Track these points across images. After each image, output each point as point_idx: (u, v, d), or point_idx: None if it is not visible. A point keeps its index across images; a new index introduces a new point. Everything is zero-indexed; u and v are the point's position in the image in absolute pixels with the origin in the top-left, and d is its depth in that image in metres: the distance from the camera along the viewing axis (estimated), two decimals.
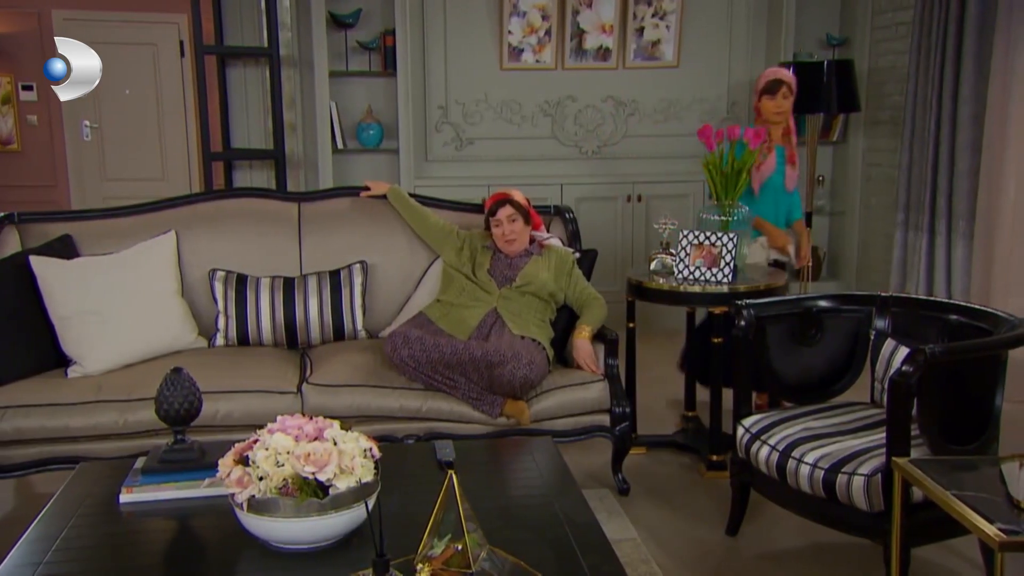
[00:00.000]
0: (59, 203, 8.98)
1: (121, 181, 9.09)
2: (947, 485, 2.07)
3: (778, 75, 4.12)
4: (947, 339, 2.82)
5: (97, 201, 9.01)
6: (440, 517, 1.86)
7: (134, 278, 3.51)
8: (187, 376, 2.36)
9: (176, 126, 9.23)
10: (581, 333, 3.44)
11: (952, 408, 2.61)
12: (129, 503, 2.22)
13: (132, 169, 9.11)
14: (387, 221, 3.93)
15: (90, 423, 3.11)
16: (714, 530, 3.17)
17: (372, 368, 3.40)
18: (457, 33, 5.82)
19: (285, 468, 1.95)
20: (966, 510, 1.94)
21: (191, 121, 9.21)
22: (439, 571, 1.78)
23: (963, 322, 2.84)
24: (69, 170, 9.00)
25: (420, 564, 1.80)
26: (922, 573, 2.78)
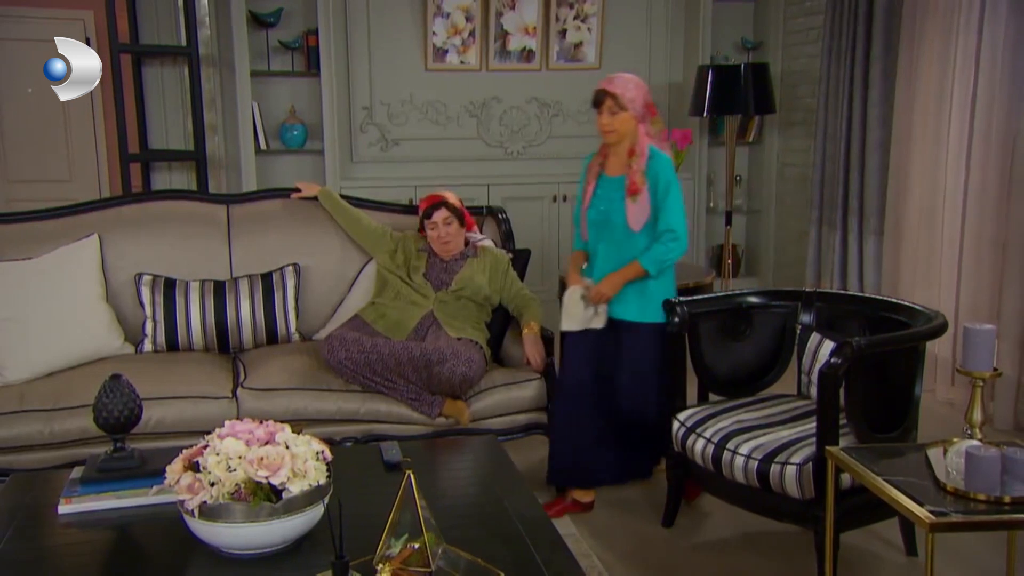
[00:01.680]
0: None
1: (25, 183, 8.74)
2: (878, 471, 2.19)
3: (601, 85, 3.33)
4: (869, 332, 2.95)
5: (0, 203, 8.65)
6: (397, 517, 1.87)
7: (56, 284, 3.41)
8: (126, 383, 2.31)
9: (83, 126, 8.91)
10: (531, 328, 3.48)
11: (876, 398, 2.74)
12: (68, 513, 2.16)
13: (37, 170, 8.76)
14: (319, 223, 3.90)
15: (12, 434, 3.01)
16: (649, 523, 3.25)
17: (308, 371, 3.37)
18: (381, 33, 5.79)
19: (237, 473, 1.93)
20: (898, 494, 2.05)
21: (99, 120, 8.92)
22: (399, 571, 1.79)
23: (883, 315, 2.98)
24: None
25: (380, 564, 1.81)
26: (849, 557, 2.91)
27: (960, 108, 4.22)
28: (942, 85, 4.33)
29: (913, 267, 4.59)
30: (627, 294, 3.25)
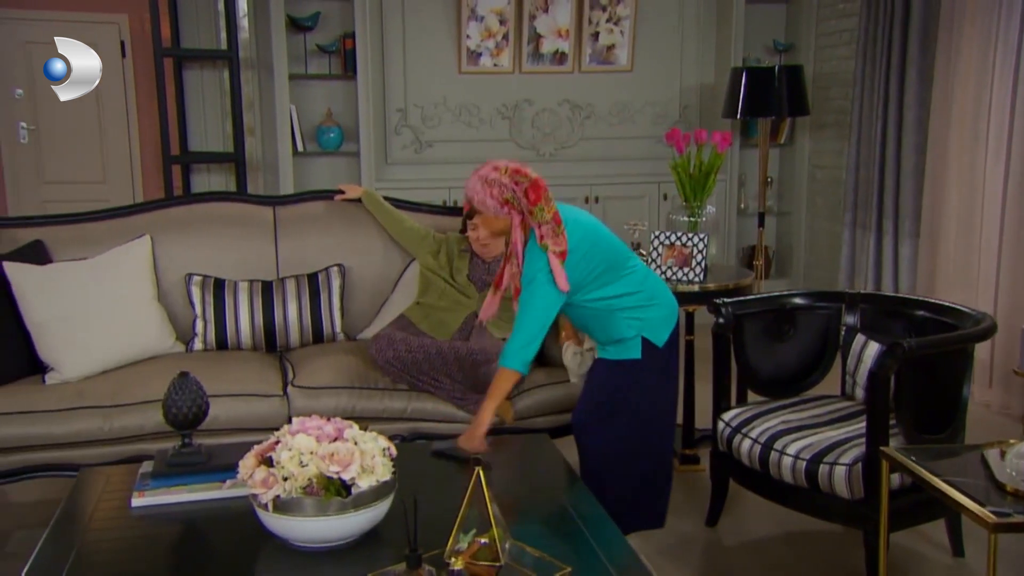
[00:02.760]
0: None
1: (60, 184, 8.85)
2: (935, 472, 2.20)
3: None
4: (914, 334, 2.97)
5: (35, 204, 8.75)
6: (466, 513, 1.91)
7: (109, 283, 3.46)
8: (194, 380, 2.36)
9: (117, 128, 9.02)
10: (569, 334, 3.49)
11: (925, 399, 2.76)
12: (141, 507, 2.22)
13: (71, 172, 8.87)
14: (362, 225, 3.94)
15: (73, 430, 3.06)
16: (693, 521, 3.27)
17: (355, 370, 3.41)
18: (415, 37, 5.85)
19: (309, 468, 1.98)
20: (958, 495, 2.07)
21: (133, 122, 9.03)
22: (470, 564, 1.83)
23: (928, 317, 2.99)
24: (5, 173, 8.73)
25: (451, 558, 1.85)
26: (896, 557, 2.92)
27: (999, 111, 4.22)
28: (980, 88, 4.33)
29: (950, 269, 4.59)
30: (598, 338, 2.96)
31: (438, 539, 1.89)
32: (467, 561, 1.83)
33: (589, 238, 2.83)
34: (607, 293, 2.82)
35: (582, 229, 2.85)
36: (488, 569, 1.86)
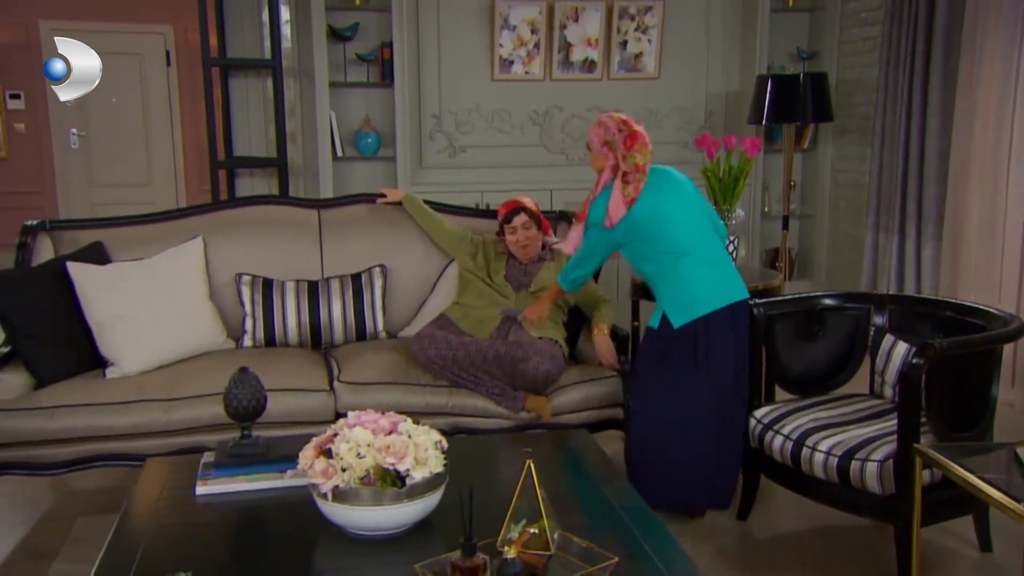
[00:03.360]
0: (46, 209, 8.85)
1: (108, 187, 8.99)
2: (969, 468, 2.20)
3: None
4: (942, 334, 2.95)
5: (84, 207, 8.90)
6: (517, 504, 1.94)
7: (165, 282, 3.53)
8: (253, 375, 2.40)
9: (162, 133, 9.15)
10: (601, 331, 3.52)
11: (955, 398, 2.75)
12: (205, 495, 2.26)
13: (119, 175, 9.01)
14: (403, 227, 3.98)
15: (133, 421, 3.12)
16: (725, 515, 3.27)
17: (398, 367, 3.45)
18: (450, 46, 5.87)
19: (367, 460, 2.01)
20: (994, 491, 2.07)
21: (176, 128, 9.15)
22: (522, 553, 1.85)
23: (956, 318, 2.98)
24: (56, 177, 8.87)
25: (504, 547, 1.87)
26: (925, 552, 2.90)
27: (1022, 117, 4.19)
28: (1003, 95, 4.29)
29: (972, 272, 4.56)
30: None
31: (486, 528, 1.91)
32: (519, 550, 1.85)
33: (643, 218, 3.08)
34: (644, 267, 3.17)
35: (648, 209, 3.09)
36: (538, 558, 1.88)
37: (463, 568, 1.78)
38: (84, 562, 2.86)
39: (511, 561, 1.80)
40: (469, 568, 1.78)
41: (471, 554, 1.80)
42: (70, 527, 3.16)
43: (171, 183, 9.24)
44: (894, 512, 2.68)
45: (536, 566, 1.86)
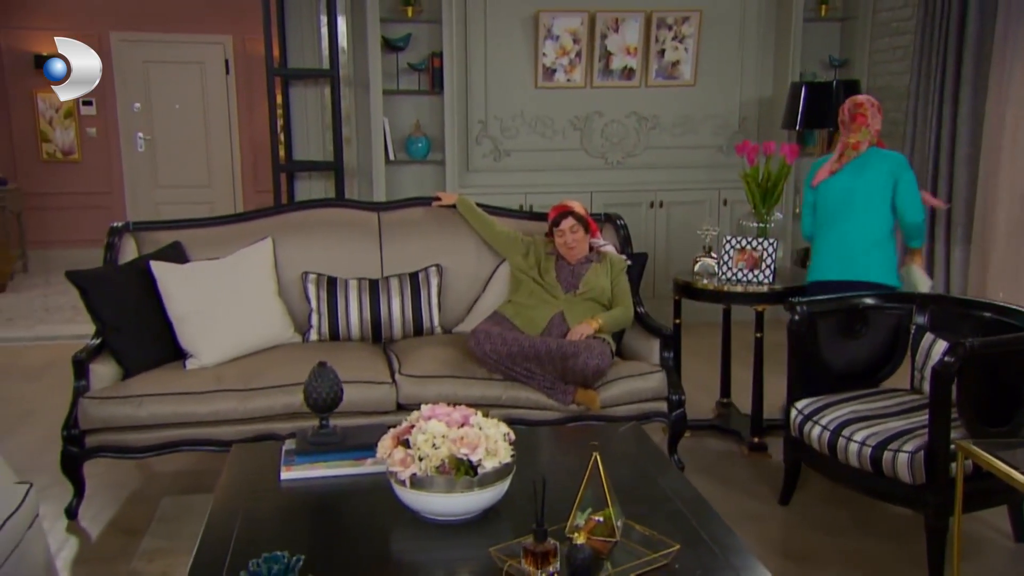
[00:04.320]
0: (115, 209, 9.03)
1: (170, 188, 9.16)
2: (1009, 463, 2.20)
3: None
4: (980, 334, 2.94)
5: (149, 206, 9.08)
6: (584, 493, 1.97)
7: (238, 280, 3.60)
8: (331, 369, 2.46)
9: (221, 137, 9.29)
10: (595, 320, 3.48)
11: (987, 394, 2.74)
12: (289, 480, 2.32)
13: (181, 177, 9.17)
14: (457, 228, 4.02)
15: (212, 409, 3.20)
16: (765, 502, 3.30)
17: (455, 360, 3.49)
18: (496, 55, 5.91)
19: (442, 450, 2.06)
20: None
21: (235, 132, 9.29)
22: (590, 539, 1.89)
23: (994, 319, 2.97)
24: (124, 178, 9.05)
25: (573, 533, 1.91)
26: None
27: None
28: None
29: (1000, 274, 4.51)
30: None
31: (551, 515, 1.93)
32: (587, 536, 1.89)
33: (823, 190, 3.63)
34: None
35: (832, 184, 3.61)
36: (604, 544, 1.92)
37: (535, 553, 1.82)
38: (170, 538, 2.98)
39: (580, 547, 1.83)
40: (541, 553, 1.82)
41: (543, 540, 1.84)
42: (155, 506, 3.25)
43: (229, 184, 9.39)
44: (924, 501, 2.69)
45: (602, 552, 1.90)
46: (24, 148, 8.77)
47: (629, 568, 1.86)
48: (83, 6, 8.61)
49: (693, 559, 1.92)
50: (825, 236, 3.58)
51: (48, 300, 7.00)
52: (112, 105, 8.86)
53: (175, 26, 8.75)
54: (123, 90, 8.90)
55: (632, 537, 1.98)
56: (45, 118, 8.75)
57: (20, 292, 7.30)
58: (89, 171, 8.95)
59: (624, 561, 1.89)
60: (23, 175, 8.67)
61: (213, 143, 9.28)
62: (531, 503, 1.89)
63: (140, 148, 9.07)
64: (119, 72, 8.85)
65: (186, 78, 9.03)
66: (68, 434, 3.11)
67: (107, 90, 8.79)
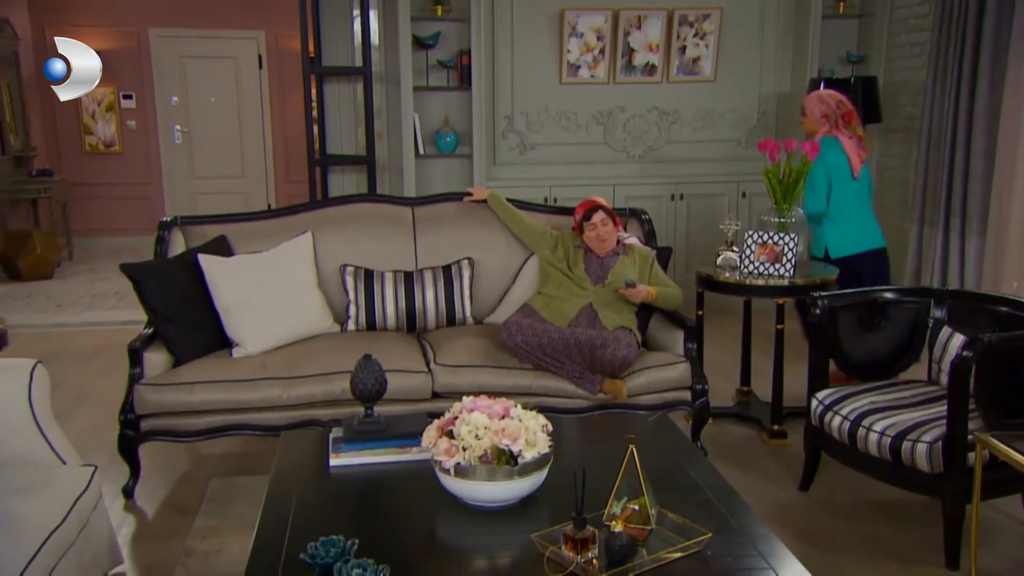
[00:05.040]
0: (154, 199, 9.16)
1: (206, 178, 9.26)
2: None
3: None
4: (997, 328, 2.95)
5: (186, 196, 9.19)
6: (620, 482, 2.02)
7: (281, 272, 3.65)
8: (376, 362, 2.51)
9: (254, 129, 9.37)
10: (650, 293, 3.57)
11: (1003, 387, 2.75)
12: (338, 466, 2.38)
13: (215, 168, 9.27)
14: (488, 223, 4.05)
15: (258, 396, 3.26)
16: (785, 488, 3.33)
17: (487, 351, 3.53)
18: (523, 53, 5.92)
19: (484, 440, 2.10)
20: None
21: (267, 124, 9.35)
22: (627, 527, 1.93)
23: (1011, 313, 2.97)
24: (163, 169, 9.15)
25: (610, 521, 1.96)
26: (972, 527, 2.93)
27: None
28: None
29: (1016, 266, 4.49)
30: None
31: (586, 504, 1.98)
32: (624, 524, 1.93)
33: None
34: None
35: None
36: (640, 531, 1.96)
37: (575, 539, 1.86)
38: (221, 518, 3.06)
39: (618, 534, 1.88)
40: (580, 539, 1.86)
41: (582, 527, 1.88)
42: (205, 487, 3.33)
43: (261, 175, 9.47)
44: (942, 489, 2.72)
45: (638, 539, 1.94)
46: (68, 141, 8.89)
47: (664, 555, 1.90)
48: (123, 4, 8.69)
49: (723, 546, 1.96)
50: (855, 215, 4.22)
51: (94, 287, 7.12)
52: (151, 99, 8.95)
53: (210, 22, 8.81)
54: (161, 84, 8.98)
55: (665, 524, 2.02)
56: (88, 112, 8.85)
57: (67, 279, 7.42)
58: (129, 162, 9.06)
59: (658, 548, 1.93)
60: (67, 166, 8.80)
61: (246, 135, 9.36)
62: (566, 491, 1.94)
63: (177, 140, 9.16)
64: (157, 67, 8.94)
65: (221, 72, 9.10)
66: (125, 419, 3.19)
67: (146, 84, 8.89)
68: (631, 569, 1.86)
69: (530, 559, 1.92)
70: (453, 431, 2.15)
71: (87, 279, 7.43)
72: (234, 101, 9.25)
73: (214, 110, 9.19)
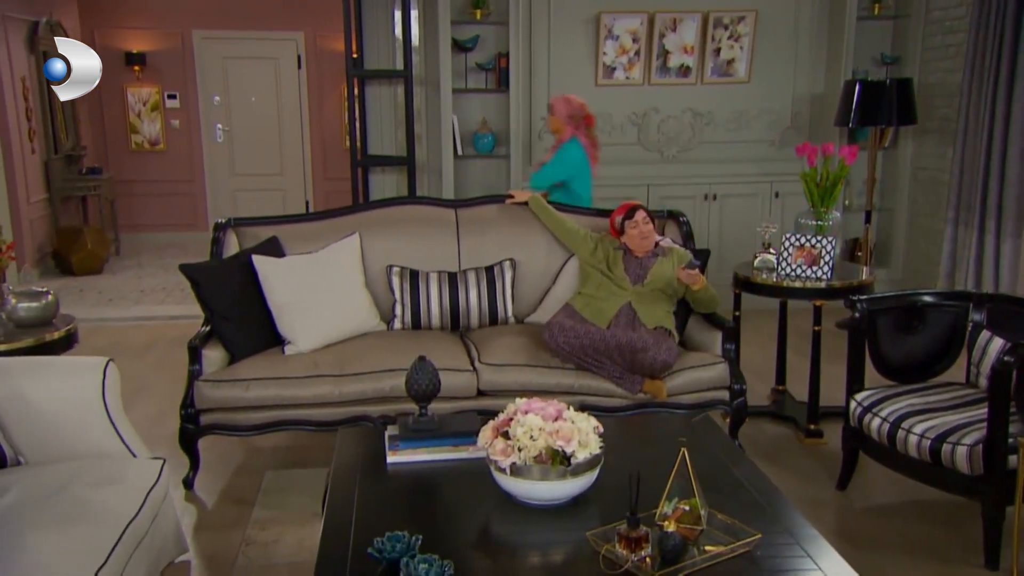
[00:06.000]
0: (196, 196, 9.31)
1: (246, 176, 9.39)
2: None
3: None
4: None
5: (227, 193, 9.33)
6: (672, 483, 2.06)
7: (330, 272, 3.72)
8: (429, 362, 2.57)
9: (293, 128, 9.47)
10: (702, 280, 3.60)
11: None
12: (394, 463, 2.45)
13: (256, 166, 9.40)
14: (529, 225, 4.09)
15: (311, 393, 3.33)
16: (823, 487, 3.34)
17: (529, 350, 3.58)
18: (559, 55, 5.95)
19: (539, 441, 2.15)
20: None
21: (305, 123, 9.46)
22: (680, 526, 1.98)
23: None
24: (205, 166, 9.30)
25: (664, 521, 2.00)
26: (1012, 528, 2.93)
27: None
28: None
29: None
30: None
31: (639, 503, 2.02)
32: (676, 523, 1.98)
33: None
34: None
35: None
36: (691, 531, 2.00)
37: (629, 538, 1.91)
38: (277, 509, 3.15)
39: (671, 534, 1.92)
40: (635, 538, 1.91)
41: (635, 526, 1.93)
42: (260, 479, 3.42)
43: (300, 173, 9.58)
44: (982, 491, 2.73)
45: (690, 538, 1.98)
46: (115, 139, 9.06)
47: (715, 554, 1.94)
48: (168, 6, 8.83)
49: (772, 547, 2.00)
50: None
51: (142, 282, 7.27)
52: (194, 98, 9.09)
53: (251, 23, 8.93)
54: (204, 84, 9.12)
55: (715, 524, 2.06)
56: (134, 111, 9.01)
57: (116, 274, 7.58)
58: (173, 160, 9.21)
59: (709, 547, 1.97)
60: (114, 164, 8.97)
61: (285, 134, 9.48)
62: (615, 490, 1.99)
63: (219, 139, 9.30)
64: (200, 67, 9.07)
65: (261, 73, 9.22)
66: (185, 413, 3.29)
67: (189, 84, 9.03)
68: (684, 568, 1.90)
69: (584, 556, 1.97)
70: (508, 432, 2.20)
71: (135, 274, 7.58)
72: (274, 101, 9.37)
73: (254, 109, 9.32)
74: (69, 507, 2.15)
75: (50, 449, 2.49)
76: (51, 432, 2.50)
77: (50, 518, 2.08)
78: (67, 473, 2.32)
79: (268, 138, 9.45)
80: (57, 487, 2.23)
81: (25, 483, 2.25)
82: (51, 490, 2.22)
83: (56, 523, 2.07)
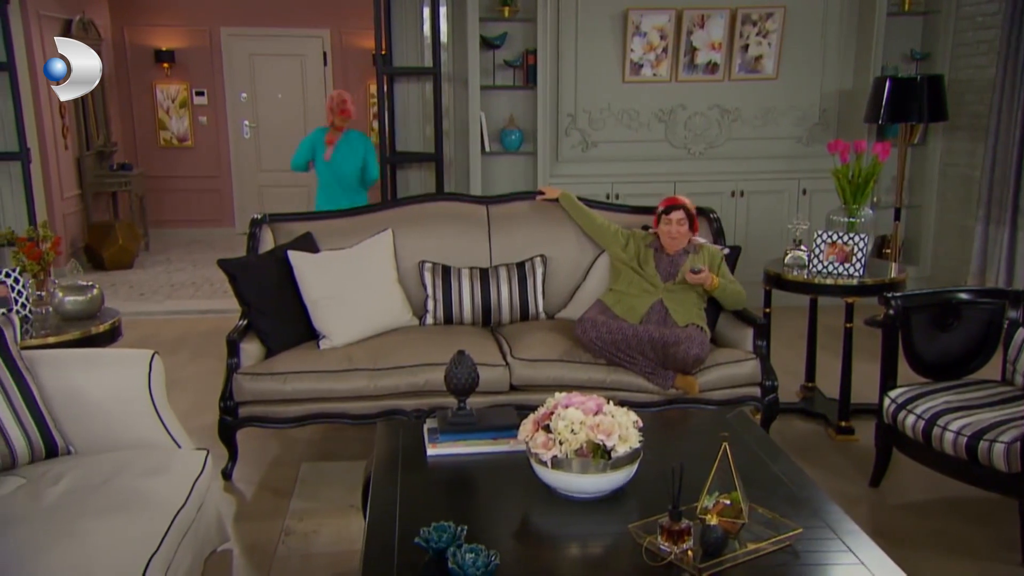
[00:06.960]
0: (224, 191, 9.39)
1: (273, 172, 9.46)
2: None
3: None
4: None
5: (254, 189, 9.41)
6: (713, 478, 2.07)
7: (364, 268, 3.77)
8: (468, 357, 2.60)
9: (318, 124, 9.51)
10: (714, 280, 3.59)
11: None
12: (434, 456, 2.48)
13: (282, 162, 9.44)
14: (559, 221, 4.11)
15: (347, 387, 3.38)
16: (855, 484, 3.34)
17: (561, 345, 3.60)
18: (587, 52, 5.96)
19: (580, 435, 2.18)
20: None
21: None
22: (721, 520, 1.99)
23: None
24: (232, 162, 9.39)
25: (705, 514, 2.02)
26: None
27: None
28: None
29: None
30: None
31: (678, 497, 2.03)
32: (718, 517, 1.99)
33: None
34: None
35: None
36: (733, 525, 2.02)
37: (671, 531, 1.93)
38: (314, 500, 3.19)
39: (713, 527, 1.94)
40: (677, 531, 1.93)
41: (678, 519, 1.95)
42: (296, 470, 3.47)
43: None
44: (1019, 488, 2.72)
45: (731, 532, 2.00)
46: (145, 135, 9.16)
47: (757, 548, 1.96)
48: (196, 4, 8.92)
49: (813, 541, 2.01)
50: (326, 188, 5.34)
51: (172, 276, 7.36)
52: (221, 95, 9.18)
53: (278, 21, 9.00)
54: (231, 81, 9.20)
55: (755, 518, 2.07)
56: (163, 108, 9.11)
57: (146, 268, 7.68)
58: (201, 156, 9.31)
59: (750, 541, 1.99)
60: (144, 160, 9.07)
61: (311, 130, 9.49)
62: (653, 483, 2.00)
63: (246, 135, 9.38)
64: (228, 64, 9.16)
65: (288, 69, 9.29)
66: (224, 405, 3.34)
67: (217, 81, 9.12)
68: (726, 561, 1.91)
69: (626, 548, 1.99)
70: (549, 425, 2.23)
71: (164, 269, 7.68)
72: (300, 97, 9.43)
73: (281, 106, 9.39)
74: (120, 496, 2.20)
75: (98, 439, 2.54)
76: (99, 423, 2.55)
77: (103, 506, 2.13)
78: (116, 463, 2.37)
79: (294, 135, 9.44)
80: (107, 476, 2.29)
81: (77, 472, 2.30)
82: (102, 479, 2.27)
83: (109, 511, 2.12)
